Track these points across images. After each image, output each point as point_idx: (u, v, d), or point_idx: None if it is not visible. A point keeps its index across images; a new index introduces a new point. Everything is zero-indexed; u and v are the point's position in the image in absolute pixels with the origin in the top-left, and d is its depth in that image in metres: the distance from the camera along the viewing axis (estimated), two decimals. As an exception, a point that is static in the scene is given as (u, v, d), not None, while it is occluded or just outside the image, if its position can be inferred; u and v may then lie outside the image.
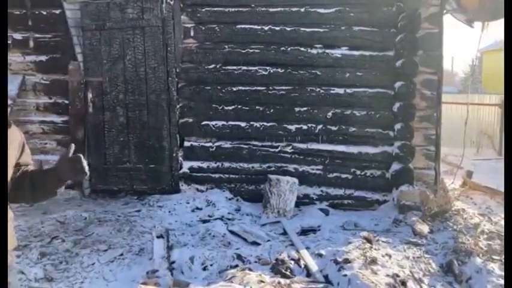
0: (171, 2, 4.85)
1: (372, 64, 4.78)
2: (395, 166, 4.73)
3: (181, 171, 5.05)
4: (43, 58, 5.22)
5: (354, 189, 4.83)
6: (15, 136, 1.63)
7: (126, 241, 3.83)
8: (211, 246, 3.78)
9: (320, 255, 3.57)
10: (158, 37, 4.91)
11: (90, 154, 5.08)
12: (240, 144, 4.99)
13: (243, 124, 4.96)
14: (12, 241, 1.62)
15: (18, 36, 5.17)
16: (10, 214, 1.61)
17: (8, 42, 5.09)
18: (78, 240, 3.78)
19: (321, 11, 4.75)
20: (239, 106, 4.96)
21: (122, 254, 3.61)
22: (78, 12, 5.01)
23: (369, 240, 3.70)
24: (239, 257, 3.57)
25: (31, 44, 5.21)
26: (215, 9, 4.85)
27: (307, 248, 3.73)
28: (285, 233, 4.17)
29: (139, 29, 4.93)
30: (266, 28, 4.81)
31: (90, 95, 5.10)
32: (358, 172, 4.82)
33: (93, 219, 4.29)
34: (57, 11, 5.10)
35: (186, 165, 5.06)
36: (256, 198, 4.83)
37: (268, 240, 3.94)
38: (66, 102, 5.21)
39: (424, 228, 4.07)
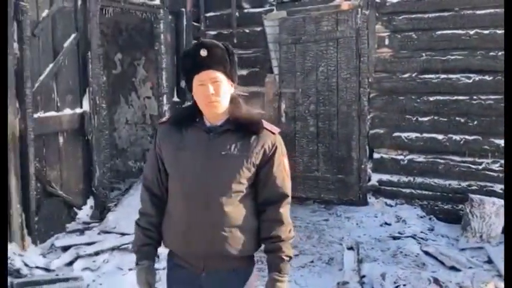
0: (367, 12, 4.80)
1: None
2: None
3: (369, 184, 4.93)
4: (244, 72, 5.71)
5: None
6: (264, 140, 1.70)
7: (316, 249, 3.89)
8: (404, 265, 3.57)
9: (538, 292, 3.04)
10: (351, 48, 4.90)
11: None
12: (435, 159, 4.63)
13: (439, 137, 4.59)
14: None
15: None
16: None
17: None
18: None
19: (543, 8, 4.10)
20: (436, 117, 4.61)
21: (312, 261, 3.68)
22: (277, 28, 5.35)
23: None
24: (436, 281, 3.29)
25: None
26: (413, 16, 4.62)
27: (521, 282, 3.22)
28: (490, 261, 3.69)
29: (333, 41, 5.01)
30: (472, 32, 4.37)
31: (283, 106, 5.38)
32: None
33: (284, 224, 4.48)
34: (258, 29, 5.53)
35: (375, 178, 4.92)
36: (453, 219, 4.41)
37: (470, 267, 3.54)
38: (262, 112, 5.59)
39: None
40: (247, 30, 5.65)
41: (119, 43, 6.42)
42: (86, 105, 4.48)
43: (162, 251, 1.84)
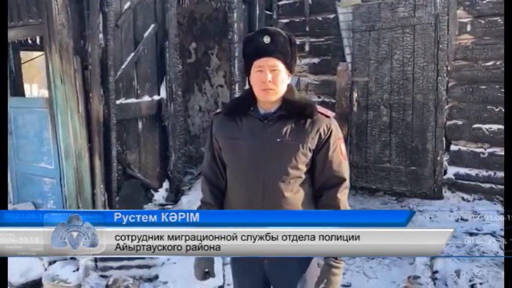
0: (447, -4, 4.56)
1: None
2: None
3: (445, 177, 4.72)
4: (316, 60, 5.68)
5: None
6: (319, 124, 1.71)
7: (386, 241, 3.81)
8: (481, 263, 3.40)
9: None
10: (429, 34, 4.68)
11: (352, 151, 5.27)
12: (520, 153, 4.33)
13: (525, 129, 4.28)
14: None
15: (297, 41, 5.76)
16: None
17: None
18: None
19: None
20: (522, 108, 4.30)
21: (381, 253, 3.62)
22: (350, 15, 5.24)
23: None
24: (517, 281, 3.10)
25: (306, 48, 5.73)
26: (499, -1, 4.33)
27: None
28: None
29: (410, 28, 4.82)
30: None
31: (355, 95, 5.28)
32: None
33: (353, 215, 4.44)
34: (331, 16, 5.46)
35: (451, 171, 4.70)
36: (538, 217, 4.11)
37: (557, 269, 3.29)
38: (333, 101, 5.53)
39: None
40: (319, 18, 5.59)
41: (193, 33, 6.62)
42: (163, 93, 4.70)
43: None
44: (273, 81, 1.66)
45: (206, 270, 1.86)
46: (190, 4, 5.18)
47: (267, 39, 1.65)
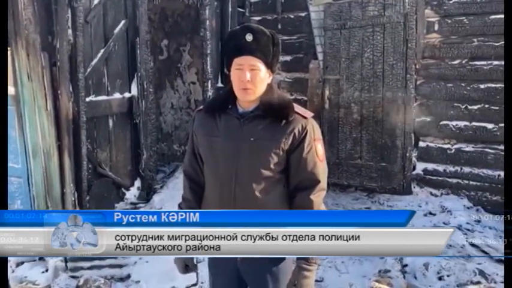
0: (416, -4, 4.67)
1: None
2: None
3: (414, 173, 4.84)
4: (288, 58, 5.71)
5: None
6: (294, 124, 1.70)
7: (357, 236, 3.88)
8: (448, 256, 3.51)
9: None
10: (399, 33, 4.78)
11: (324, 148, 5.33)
12: (484, 148, 4.48)
13: (490, 126, 4.43)
14: None
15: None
16: None
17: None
18: (312, 228, 4.01)
19: None
20: (486, 105, 4.45)
21: (353, 248, 3.68)
22: (322, 14, 5.29)
23: None
24: (482, 273, 3.23)
25: (279, 45, 5.75)
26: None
27: None
28: (540, 255, 3.56)
29: (380, 26, 4.90)
30: (528, 16, 4.16)
31: (327, 92, 5.34)
32: None
33: (325, 211, 4.50)
34: (303, 14, 5.49)
35: (420, 167, 4.82)
36: (501, 211, 4.26)
37: (519, 260, 3.43)
38: (305, 98, 5.58)
39: None
40: (291, 16, 5.62)
41: (165, 29, 6.55)
42: (134, 90, 4.64)
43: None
44: (252, 80, 1.65)
45: (186, 264, 1.87)
46: (161, 0, 5.13)
47: (249, 37, 1.63)
